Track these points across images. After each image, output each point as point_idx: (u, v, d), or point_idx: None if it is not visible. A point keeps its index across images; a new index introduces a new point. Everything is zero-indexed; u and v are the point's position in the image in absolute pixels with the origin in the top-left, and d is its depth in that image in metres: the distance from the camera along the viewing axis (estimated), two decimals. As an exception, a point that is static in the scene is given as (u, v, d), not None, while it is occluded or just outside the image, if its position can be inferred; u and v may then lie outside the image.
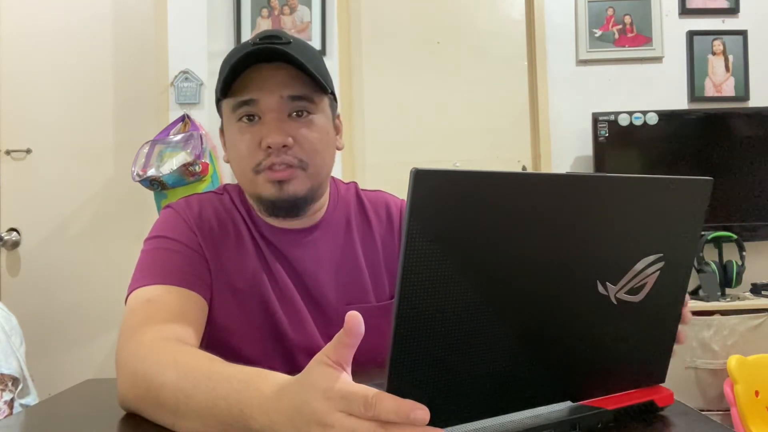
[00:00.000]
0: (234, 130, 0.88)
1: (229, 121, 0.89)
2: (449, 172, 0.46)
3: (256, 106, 0.85)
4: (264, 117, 0.86)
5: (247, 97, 0.85)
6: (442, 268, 0.47)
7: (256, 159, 0.86)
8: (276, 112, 0.85)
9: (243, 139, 0.86)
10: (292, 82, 0.86)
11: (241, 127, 0.87)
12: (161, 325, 0.75)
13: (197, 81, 2.36)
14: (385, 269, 0.97)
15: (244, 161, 0.87)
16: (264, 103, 0.85)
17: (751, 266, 2.30)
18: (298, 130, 0.86)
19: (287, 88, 0.85)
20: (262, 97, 0.85)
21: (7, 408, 1.47)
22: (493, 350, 0.52)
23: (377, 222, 1.00)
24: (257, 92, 0.85)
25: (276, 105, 0.85)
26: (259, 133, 0.85)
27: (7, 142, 2.51)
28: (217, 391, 0.59)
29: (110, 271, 2.41)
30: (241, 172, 0.89)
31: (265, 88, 0.85)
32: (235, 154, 0.89)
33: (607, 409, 0.61)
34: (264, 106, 0.85)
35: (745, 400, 1.86)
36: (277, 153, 0.84)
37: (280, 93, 0.85)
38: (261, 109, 0.85)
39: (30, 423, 0.73)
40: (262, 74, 0.85)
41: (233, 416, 0.56)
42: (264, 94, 0.85)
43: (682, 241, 0.64)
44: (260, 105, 0.85)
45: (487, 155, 2.57)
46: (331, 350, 0.50)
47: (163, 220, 0.91)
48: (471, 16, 2.61)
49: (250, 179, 0.88)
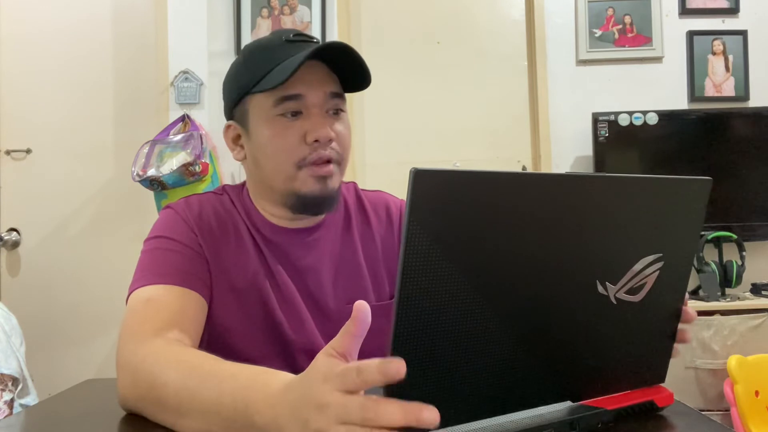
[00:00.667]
0: (274, 125, 0.87)
1: (263, 116, 0.87)
2: (449, 172, 0.46)
3: (302, 101, 0.86)
4: (307, 112, 0.86)
5: (294, 92, 0.85)
6: (442, 268, 0.47)
7: (301, 153, 0.86)
8: (320, 107, 0.87)
9: (286, 134, 0.86)
10: (332, 80, 0.88)
11: (282, 122, 0.86)
12: (161, 324, 0.75)
13: (197, 81, 2.36)
14: (384, 269, 0.98)
15: (285, 156, 0.86)
16: (310, 98, 0.86)
17: (751, 266, 2.30)
18: (336, 126, 0.88)
19: (328, 84, 0.88)
20: (309, 93, 0.86)
21: (7, 408, 1.47)
22: (493, 350, 0.52)
23: (377, 222, 1.00)
24: (304, 88, 0.85)
25: (321, 101, 0.87)
26: (303, 128, 0.86)
27: (7, 142, 2.51)
28: (222, 387, 0.59)
29: (110, 271, 2.41)
30: (276, 168, 0.88)
31: (310, 84, 0.86)
32: (272, 150, 0.87)
33: (607, 409, 0.61)
34: (310, 102, 0.86)
35: (745, 400, 1.86)
36: (323, 147, 0.86)
37: (323, 89, 0.87)
38: (306, 104, 0.86)
39: (30, 423, 0.73)
40: (306, 71, 0.85)
41: (238, 412, 0.56)
42: (310, 90, 0.86)
43: (681, 241, 0.64)
44: (306, 100, 0.86)
45: (487, 155, 2.57)
46: (337, 341, 0.50)
47: (163, 221, 0.91)
48: (471, 16, 2.61)
49: (289, 175, 0.87)
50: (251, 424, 0.55)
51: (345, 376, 0.47)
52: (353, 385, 0.46)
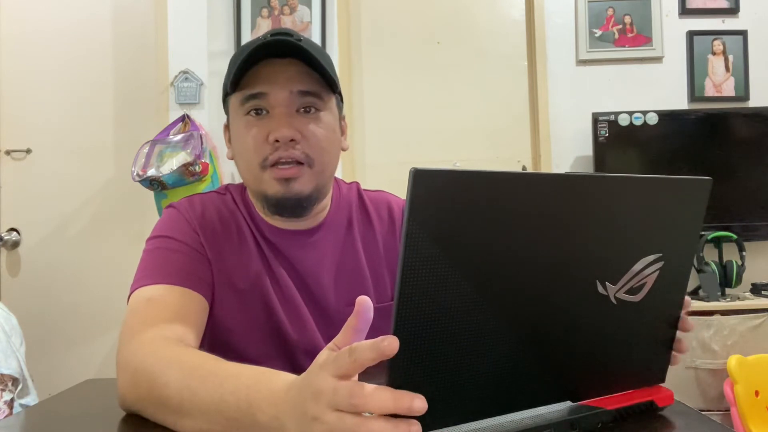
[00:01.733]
0: (241, 125, 0.87)
1: (236, 116, 0.89)
2: (449, 172, 0.46)
3: (265, 99, 0.85)
4: (272, 111, 0.85)
5: (256, 91, 0.85)
6: (442, 268, 0.47)
7: (263, 153, 0.85)
8: (285, 107, 0.85)
9: (250, 133, 0.86)
10: (302, 77, 0.86)
11: (248, 120, 0.86)
12: (162, 324, 0.75)
13: (197, 81, 2.36)
14: (386, 270, 0.97)
15: (251, 156, 0.86)
16: (273, 97, 0.85)
17: (751, 266, 2.30)
18: (306, 125, 0.86)
19: (297, 83, 0.85)
20: (272, 91, 0.85)
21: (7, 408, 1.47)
22: (493, 350, 0.52)
23: (379, 222, 0.99)
24: (267, 86, 0.85)
25: (285, 100, 0.85)
26: (267, 127, 0.85)
27: (7, 142, 2.51)
28: (225, 387, 0.59)
29: (110, 271, 2.41)
30: (246, 167, 0.88)
31: (275, 82, 0.85)
32: (241, 149, 0.88)
33: (607, 409, 0.61)
34: (273, 100, 0.85)
35: (745, 400, 1.86)
36: (285, 147, 0.84)
37: (290, 88, 0.85)
38: (270, 103, 0.85)
39: (30, 423, 0.73)
40: (273, 69, 0.85)
41: (241, 411, 0.56)
42: (274, 88, 0.85)
43: (681, 241, 0.64)
44: (269, 99, 0.85)
45: (487, 155, 2.57)
46: (340, 337, 0.51)
47: (166, 220, 0.91)
48: (471, 16, 2.61)
49: (255, 175, 0.87)
50: (254, 423, 0.55)
51: (338, 359, 0.47)
52: (346, 367, 0.46)
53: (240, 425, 0.57)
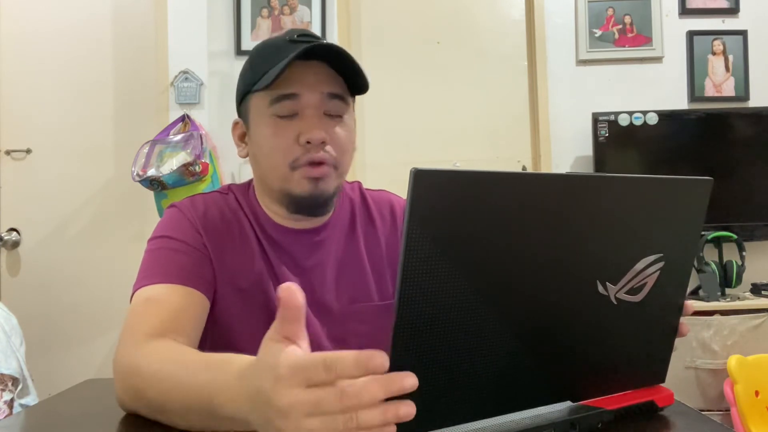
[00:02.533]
0: (268, 124, 0.87)
1: (260, 115, 0.88)
2: (449, 172, 0.46)
3: (297, 101, 0.85)
4: (302, 113, 0.85)
5: (289, 91, 0.85)
6: (442, 268, 0.47)
7: (294, 154, 0.85)
8: (315, 108, 0.85)
9: (280, 134, 0.86)
10: (331, 80, 0.87)
11: (277, 122, 0.86)
12: (157, 325, 0.75)
13: (197, 81, 2.36)
14: (388, 268, 0.98)
15: (279, 157, 0.86)
16: (305, 98, 0.85)
17: (751, 266, 2.30)
18: (333, 128, 0.87)
19: (327, 85, 0.86)
20: (305, 93, 0.85)
21: (7, 408, 1.47)
22: (493, 350, 0.52)
23: (381, 221, 1.00)
24: (299, 87, 0.85)
25: (316, 102, 0.85)
26: (297, 128, 0.85)
27: (7, 142, 2.51)
28: (191, 384, 0.59)
29: (110, 271, 2.41)
30: (272, 167, 0.88)
31: (306, 85, 0.85)
32: (267, 149, 0.88)
33: (607, 409, 0.61)
34: (305, 102, 0.85)
35: (745, 400, 1.86)
36: (316, 149, 0.85)
37: (320, 90, 0.85)
38: (301, 104, 0.85)
39: (30, 423, 0.73)
40: (304, 70, 0.85)
41: (208, 408, 0.56)
42: (306, 90, 0.85)
43: (682, 241, 0.64)
44: (301, 101, 0.85)
45: (487, 155, 2.57)
46: (276, 326, 0.49)
47: (168, 220, 0.91)
48: (471, 16, 2.61)
49: (283, 175, 0.87)
50: (223, 416, 0.55)
51: (308, 371, 0.44)
52: (321, 382, 0.44)
53: (214, 419, 0.56)
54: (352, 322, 0.92)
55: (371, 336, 0.92)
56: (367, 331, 0.93)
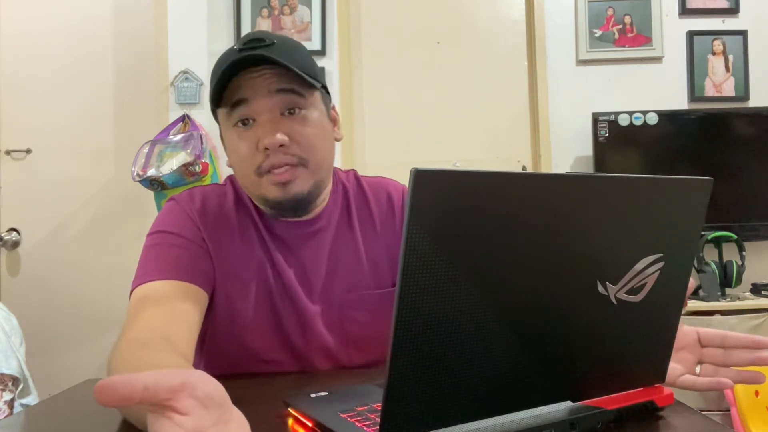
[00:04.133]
0: (232, 136, 0.88)
1: (226, 128, 0.90)
2: (449, 172, 0.46)
3: (249, 107, 0.85)
4: (258, 119, 0.85)
5: (237, 98, 0.85)
6: (442, 267, 0.47)
7: (257, 161, 0.85)
8: (269, 112, 0.85)
9: (241, 144, 0.86)
10: (280, 78, 0.85)
11: (238, 132, 0.87)
12: (144, 325, 0.75)
13: (197, 81, 2.36)
14: (385, 256, 0.97)
15: (245, 165, 0.87)
16: (256, 102, 0.85)
17: (751, 266, 2.30)
18: (293, 127, 0.86)
19: (276, 82, 0.85)
20: (253, 96, 0.85)
21: (7, 408, 1.47)
22: (493, 350, 0.52)
23: (377, 208, 1.00)
24: (248, 92, 0.85)
25: (268, 104, 0.85)
26: (256, 135, 0.85)
27: (7, 142, 2.51)
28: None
29: (110, 271, 2.41)
30: (243, 175, 0.89)
31: (255, 87, 0.85)
32: (236, 159, 0.89)
33: (607, 409, 0.61)
34: (256, 106, 0.85)
35: (745, 400, 1.86)
36: (275, 153, 0.84)
37: (269, 89, 0.85)
38: (254, 110, 0.85)
39: (30, 423, 0.73)
40: (250, 76, 0.85)
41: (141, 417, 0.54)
42: (254, 94, 0.85)
43: (682, 241, 0.64)
44: (252, 105, 0.85)
45: (487, 155, 2.57)
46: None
47: (166, 214, 0.92)
48: (471, 16, 2.61)
49: (253, 182, 0.88)
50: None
51: None
52: None
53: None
54: (350, 310, 0.93)
55: (368, 323, 0.94)
56: (365, 318, 0.94)
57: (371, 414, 0.62)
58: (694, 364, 0.73)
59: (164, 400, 0.39)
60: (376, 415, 0.61)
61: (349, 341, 0.94)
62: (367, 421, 0.60)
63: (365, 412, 0.62)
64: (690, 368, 0.72)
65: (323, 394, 0.70)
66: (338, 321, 0.93)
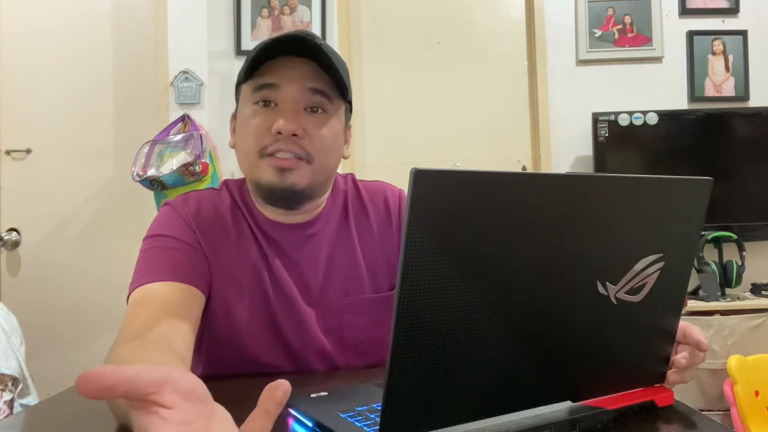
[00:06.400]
0: (247, 112, 0.88)
1: (244, 103, 0.89)
2: (449, 172, 0.46)
3: (276, 92, 0.86)
4: (281, 104, 0.86)
5: (269, 81, 0.86)
6: (442, 267, 0.47)
7: (264, 142, 0.85)
8: (294, 102, 0.86)
9: (255, 121, 0.86)
10: (315, 76, 0.87)
11: (255, 109, 0.87)
12: (140, 326, 0.75)
13: (197, 81, 2.36)
14: (382, 260, 0.97)
15: (251, 142, 0.87)
16: (284, 90, 0.86)
17: (751, 266, 2.30)
18: (311, 123, 0.87)
19: (309, 80, 0.86)
20: (284, 84, 0.86)
21: (7, 408, 1.47)
22: (493, 350, 0.52)
23: (374, 212, 1.00)
24: (280, 78, 0.86)
25: (295, 95, 0.86)
26: (272, 118, 0.85)
27: (7, 142, 2.51)
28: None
29: (110, 271, 2.41)
30: (245, 154, 0.89)
31: (288, 77, 0.86)
32: (243, 135, 0.89)
33: (607, 409, 0.61)
34: (283, 94, 0.86)
35: (745, 400, 1.86)
36: (285, 141, 0.85)
37: (301, 84, 0.86)
38: (280, 96, 0.86)
39: (30, 423, 0.73)
40: (289, 64, 0.86)
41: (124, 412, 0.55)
42: (286, 82, 0.86)
43: (682, 241, 0.64)
44: (280, 92, 0.86)
45: (487, 155, 2.57)
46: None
47: (161, 218, 0.92)
48: (471, 16, 2.61)
49: (252, 162, 0.87)
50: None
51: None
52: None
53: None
54: (347, 314, 0.93)
55: (366, 327, 0.93)
56: (362, 323, 0.93)
57: (371, 414, 0.62)
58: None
59: (148, 394, 0.40)
60: (376, 415, 0.61)
61: (347, 345, 0.93)
62: (367, 421, 0.60)
63: (365, 412, 0.62)
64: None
65: (323, 394, 0.70)
66: (336, 325, 0.93)
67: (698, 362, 0.70)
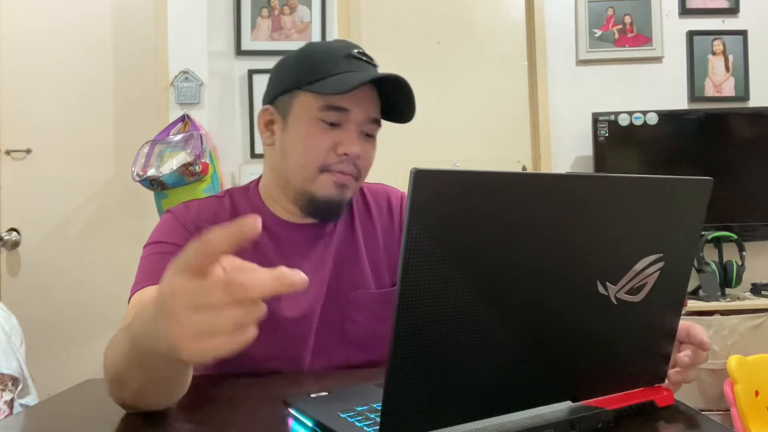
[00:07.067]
0: (312, 126, 0.91)
1: (305, 115, 0.92)
2: (449, 172, 0.46)
3: (345, 115, 0.91)
4: (347, 126, 0.91)
5: (342, 105, 0.90)
6: (442, 267, 0.47)
7: (328, 160, 0.91)
8: (358, 125, 0.92)
9: (320, 139, 0.91)
10: (376, 105, 0.95)
11: (321, 126, 0.91)
12: None
13: (197, 81, 2.36)
14: (385, 258, 1.02)
15: (311, 157, 0.91)
16: (353, 115, 0.91)
17: (751, 266, 2.30)
18: (366, 147, 0.95)
19: (374, 110, 0.95)
20: (354, 110, 0.91)
21: (7, 408, 1.47)
22: (494, 350, 0.52)
23: (377, 212, 1.05)
24: (352, 104, 0.91)
25: (361, 120, 0.92)
26: (338, 138, 0.91)
27: (7, 142, 2.50)
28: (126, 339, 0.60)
29: (110, 271, 2.41)
30: (300, 165, 0.92)
31: (359, 102, 0.91)
32: (301, 147, 0.92)
33: (607, 409, 0.61)
34: (352, 118, 0.91)
35: (745, 400, 1.86)
36: (349, 161, 0.92)
37: (368, 113, 0.93)
38: (346, 118, 0.91)
39: (30, 423, 0.73)
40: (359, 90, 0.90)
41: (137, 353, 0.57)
42: (357, 108, 0.91)
43: (682, 241, 0.64)
44: (349, 115, 0.91)
45: (487, 155, 2.57)
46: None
47: (161, 226, 0.94)
48: (471, 16, 2.61)
49: (309, 175, 0.91)
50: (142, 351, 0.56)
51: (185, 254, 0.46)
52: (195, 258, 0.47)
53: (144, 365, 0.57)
54: (350, 310, 0.96)
55: (368, 323, 0.96)
56: (363, 318, 0.96)
57: (371, 414, 0.62)
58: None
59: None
60: (376, 414, 0.61)
61: (348, 341, 0.95)
62: (367, 421, 0.60)
63: (365, 412, 0.62)
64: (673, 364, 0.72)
65: (323, 394, 0.70)
66: (339, 320, 0.95)
67: (701, 362, 0.70)
